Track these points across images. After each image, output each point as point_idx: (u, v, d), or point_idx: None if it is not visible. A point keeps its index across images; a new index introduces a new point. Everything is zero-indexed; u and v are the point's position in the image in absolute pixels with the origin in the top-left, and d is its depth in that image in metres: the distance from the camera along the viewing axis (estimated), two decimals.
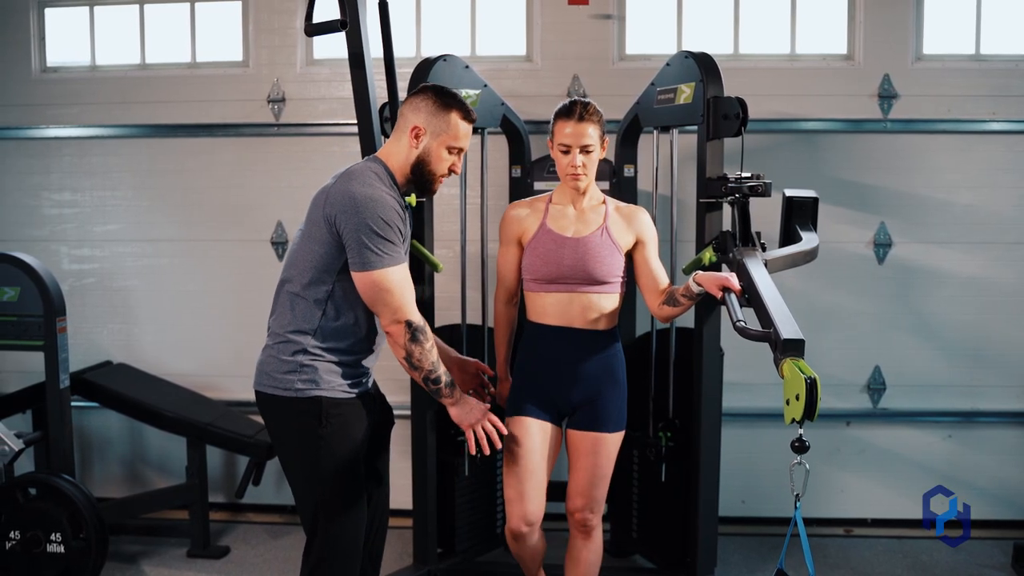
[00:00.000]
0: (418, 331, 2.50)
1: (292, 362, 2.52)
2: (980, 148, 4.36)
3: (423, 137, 2.59)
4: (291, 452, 2.61)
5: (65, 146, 4.67)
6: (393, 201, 2.49)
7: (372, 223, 2.43)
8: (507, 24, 4.55)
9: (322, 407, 2.51)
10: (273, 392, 2.55)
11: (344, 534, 2.56)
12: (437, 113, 2.59)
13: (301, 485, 2.61)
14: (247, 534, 4.46)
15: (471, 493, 3.91)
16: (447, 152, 2.62)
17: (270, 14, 4.54)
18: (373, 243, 2.43)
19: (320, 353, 2.53)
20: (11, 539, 3.55)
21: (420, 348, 2.51)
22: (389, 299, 2.47)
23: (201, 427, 4.09)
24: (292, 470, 2.63)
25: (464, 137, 2.64)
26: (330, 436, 2.52)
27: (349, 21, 3.07)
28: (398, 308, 2.48)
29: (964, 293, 4.41)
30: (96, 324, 4.72)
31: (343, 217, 2.45)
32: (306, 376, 2.52)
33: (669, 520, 3.72)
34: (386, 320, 2.50)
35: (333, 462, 2.53)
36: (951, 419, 4.45)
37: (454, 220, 4.08)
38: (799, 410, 2.14)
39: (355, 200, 2.45)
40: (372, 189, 2.47)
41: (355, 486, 2.58)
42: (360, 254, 2.44)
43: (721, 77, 3.25)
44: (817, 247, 3.19)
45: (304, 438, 2.54)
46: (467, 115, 2.63)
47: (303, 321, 2.53)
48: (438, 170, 2.62)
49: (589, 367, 2.97)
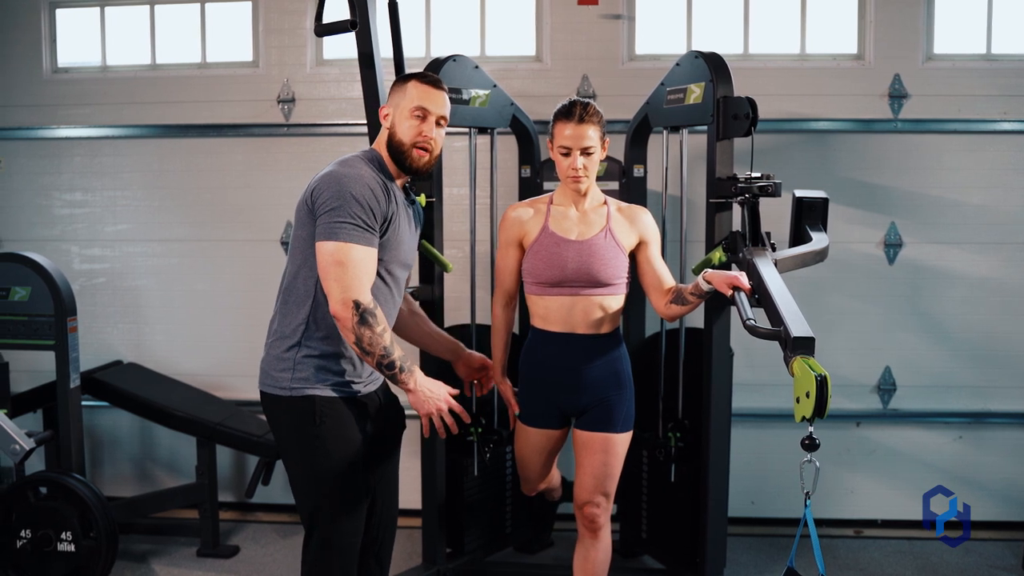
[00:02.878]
0: (367, 313, 2.36)
1: (287, 359, 2.51)
2: (991, 148, 4.35)
3: (390, 115, 2.59)
4: (289, 450, 2.58)
5: (76, 146, 4.69)
6: (373, 182, 2.46)
7: (340, 197, 2.39)
8: (517, 24, 4.55)
9: (315, 406, 2.48)
10: (270, 391, 2.55)
11: (341, 534, 2.55)
12: (398, 90, 2.59)
13: (299, 483, 2.59)
14: (257, 533, 4.46)
15: (480, 493, 3.91)
16: (410, 117, 2.54)
17: (280, 14, 4.55)
18: (338, 215, 2.38)
19: (313, 347, 2.49)
20: (22, 538, 3.56)
21: (371, 331, 2.37)
22: (341, 273, 2.36)
23: (211, 427, 4.10)
24: (291, 468, 2.61)
25: (421, 97, 2.55)
26: (326, 435, 2.49)
27: (359, 21, 3.08)
28: (348, 286, 2.35)
29: (975, 294, 4.39)
30: (106, 324, 4.74)
31: (318, 193, 2.44)
32: (300, 374, 2.49)
33: (678, 520, 3.71)
34: (334, 300, 2.36)
35: (329, 462, 2.50)
36: (962, 420, 4.43)
37: (463, 220, 4.08)
38: (809, 408, 2.13)
39: (331, 176, 2.44)
40: (351, 168, 2.46)
41: (353, 486, 2.55)
42: (324, 225, 2.40)
43: (731, 77, 3.25)
44: (827, 247, 3.18)
45: (300, 437, 2.52)
46: (424, 78, 2.58)
47: (294, 313, 2.51)
48: (405, 139, 2.54)
49: (595, 373, 2.96)
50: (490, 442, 3.78)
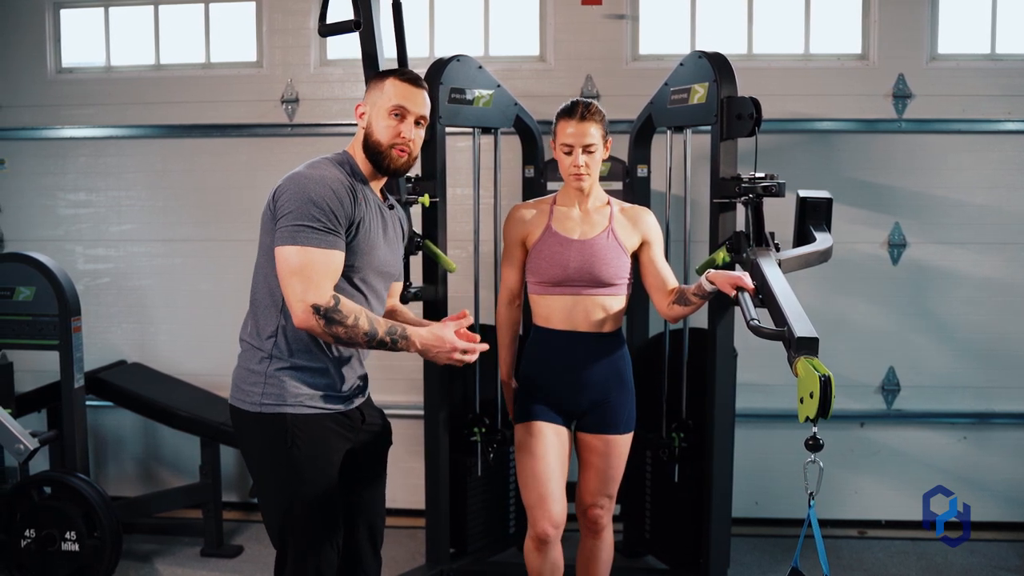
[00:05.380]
0: (330, 312, 2.22)
1: (257, 372, 2.37)
2: (995, 148, 4.34)
3: (366, 114, 2.48)
4: (258, 470, 2.46)
5: (80, 146, 4.70)
6: (337, 183, 2.34)
7: (299, 200, 2.28)
8: (520, 24, 4.55)
9: (287, 425, 2.33)
10: (239, 405, 2.41)
11: (315, 557, 2.42)
12: (375, 87, 2.49)
13: (269, 505, 2.46)
14: (260, 533, 4.45)
15: (484, 493, 3.91)
16: (387, 117, 2.43)
17: (284, 15, 4.56)
18: (296, 218, 2.27)
19: (285, 360, 2.35)
20: (26, 537, 3.57)
21: (343, 327, 2.24)
22: (296, 282, 2.24)
23: (215, 426, 4.10)
24: (260, 489, 2.47)
25: (400, 96, 2.44)
26: (299, 457, 2.34)
27: (363, 21, 3.08)
28: (304, 292, 2.22)
29: (979, 294, 4.39)
30: (110, 324, 4.74)
31: (279, 194, 2.35)
32: (272, 390, 2.35)
33: (682, 521, 3.71)
34: (295, 313, 2.24)
35: (302, 484, 2.36)
36: (966, 420, 4.43)
37: (467, 220, 4.08)
38: (813, 408, 2.13)
39: (292, 179, 2.34)
40: (314, 170, 2.36)
41: (327, 508, 2.42)
42: (282, 229, 2.29)
43: (735, 77, 3.25)
44: (831, 247, 3.18)
45: (271, 458, 2.38)
46: (402, 76, 2.48)
47: (264, 323, 2.39)
48: (382, 139, 2.43)
49: (596, 372, 2.95)
50: (493, 442, 3.77)
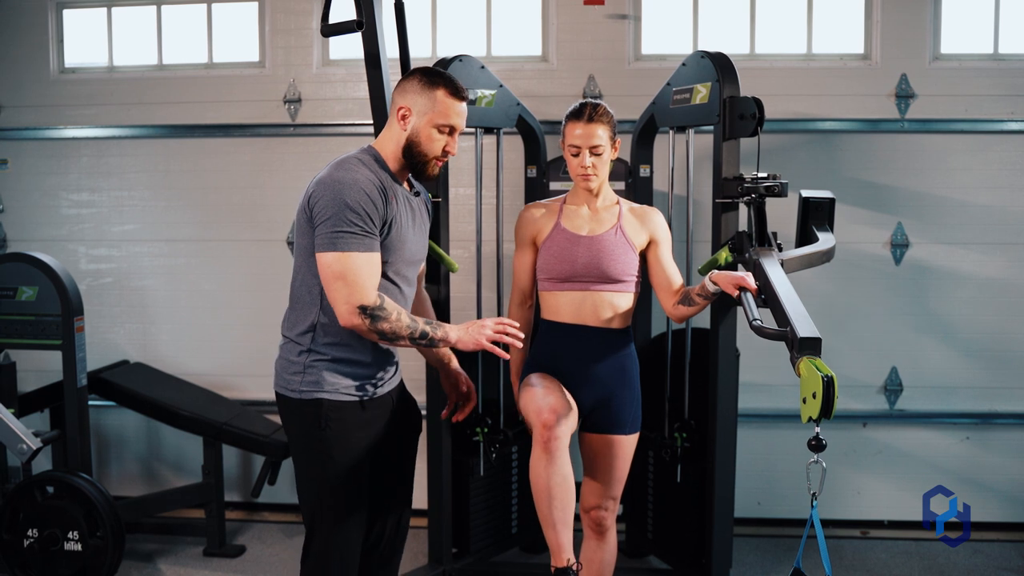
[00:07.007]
0: (376, 311, 2.35)
1: (297, 363, 2.51)
2: (998, 148, 4.34)
3: (410, 118, 2.51)
4: (296, 451, 2.60)
5: (83, 146, 4.70)
6: (370, 185, 2.40)
7: (336, 205, 2.35)
8: (523, 24, 4.55)
9: (322, 409, 2.48)
10: (282, 392, 2.56)
11: (341, 537, 2.55)
12: (422, 92, 2.50)
13: (303, 485, 2.60)
14: (263, 533, 4.47)
15: (486, 493, 3.91)
16: (437, 132, 2.51)
17: (286, 15, 4.56)
18: (335, 224, 2.35)
19: (323, 352, 2.49)
20: (29, 537, 3.57)
21: (387, 323, 2.37)
22: (342, 285, 2.35)
23: (217, 426, 4.11)
24: (297, 469, 2.63)
25: (454, 114, 2.52)
26: (331, 439, 2.49)
27: (365, 22, 3.08)
28: (351, 295, 2.34)
29: (982, 294, 4.38)
30: (113, 323, 4.75)
31: (315, 200, 2.40)
32: (310, 378, 2.49)
33: (684, 521, 3.71)
34: (342, 314, 2.37)
35: (333, 466, 2.50)
36: (968, 421, 4.42)
37: (470, 220, 4.08)
38: (816, 408, 2.13)
39: (327, 183, 2.40)
40: (348, 173, 2.40)
41: (356, 491, 2.55)
42: (322, 235, 2.37)
43: (737, 77, 3.25)
44: (834, 247, 3.18)
45: (306, 440, 2.53)
46: (455, 91, 2.52)
47: (302, 319, 2.51)
48: (430, 152, 2.52)
49: (602, 367, 2.95)
50: (496, 442, 3.77)
